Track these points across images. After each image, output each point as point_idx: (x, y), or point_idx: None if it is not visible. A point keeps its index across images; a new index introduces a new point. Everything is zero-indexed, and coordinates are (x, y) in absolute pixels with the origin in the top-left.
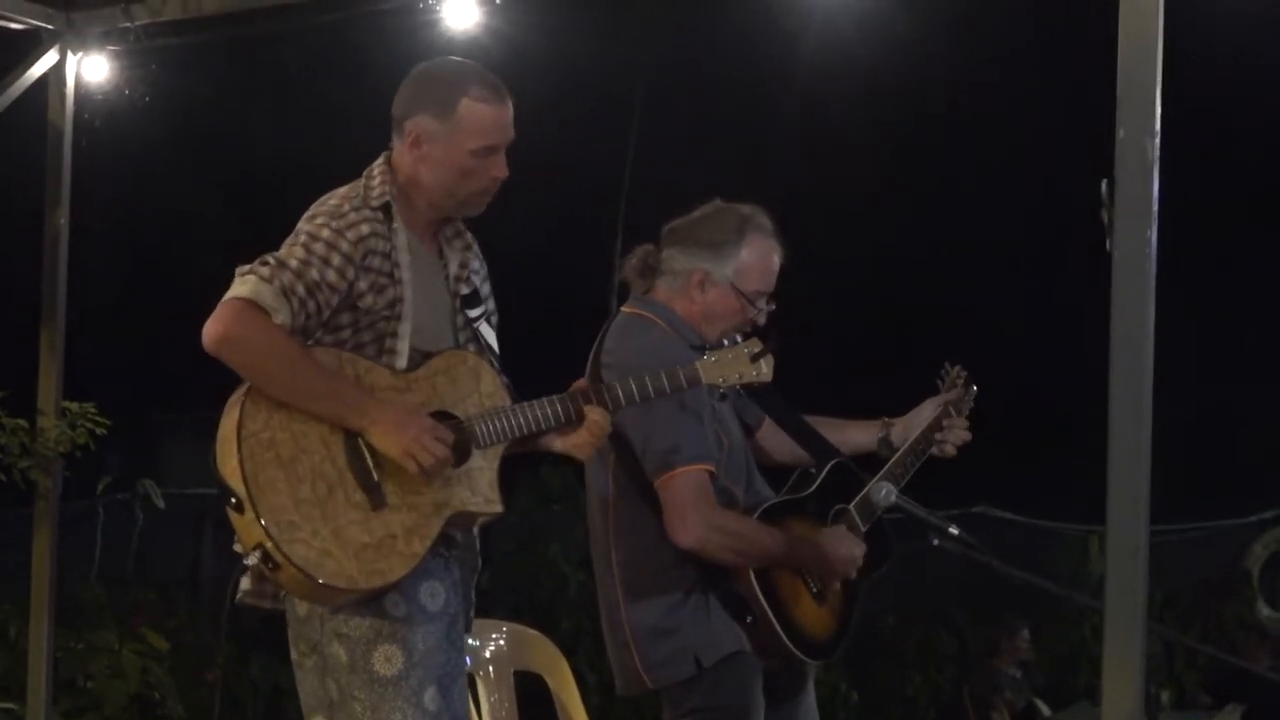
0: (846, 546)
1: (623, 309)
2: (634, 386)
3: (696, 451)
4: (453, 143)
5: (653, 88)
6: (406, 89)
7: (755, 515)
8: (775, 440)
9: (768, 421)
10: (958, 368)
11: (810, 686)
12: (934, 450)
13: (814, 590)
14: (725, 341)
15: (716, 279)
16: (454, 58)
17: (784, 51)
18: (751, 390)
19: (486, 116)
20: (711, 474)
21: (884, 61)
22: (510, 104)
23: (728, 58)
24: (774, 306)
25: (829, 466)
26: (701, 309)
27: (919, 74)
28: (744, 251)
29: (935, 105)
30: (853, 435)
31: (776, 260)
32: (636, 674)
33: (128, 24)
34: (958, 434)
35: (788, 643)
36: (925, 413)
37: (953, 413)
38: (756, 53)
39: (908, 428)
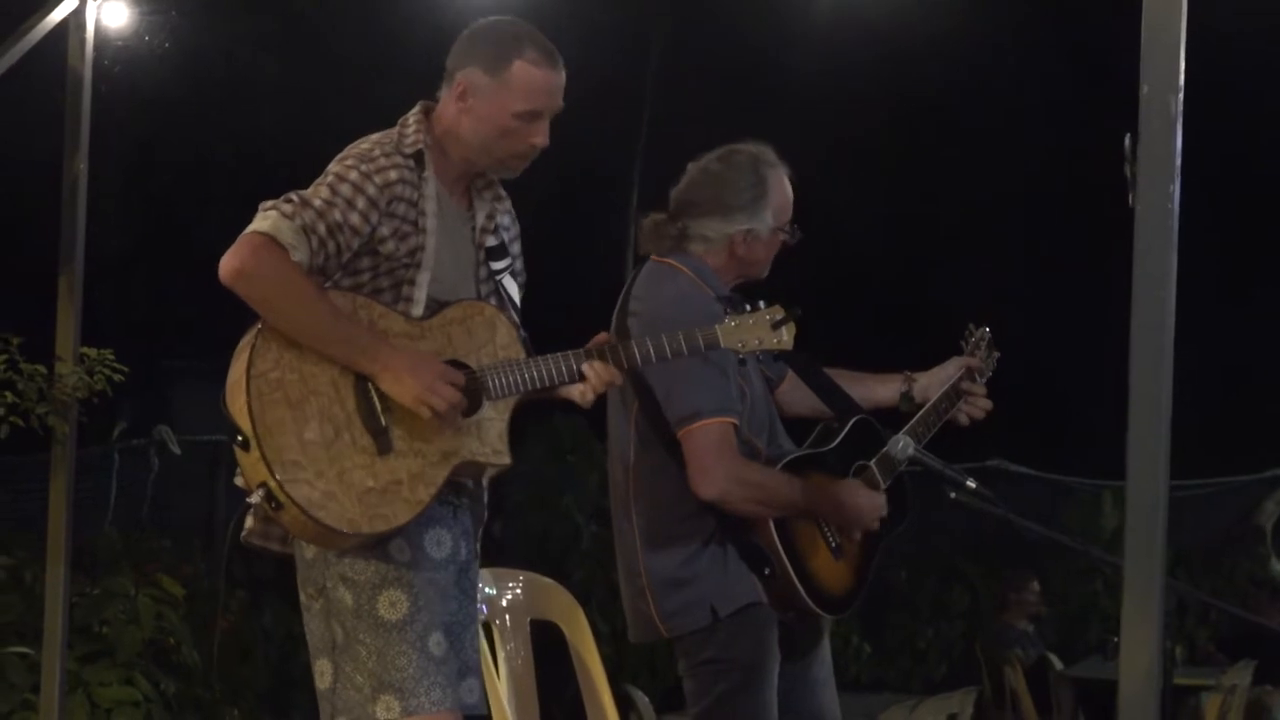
0: (866, 497)
1: (651, 256)
2: (650, 347)
3: (720, 404)
4: (499, 101)
5: (669, 46)
6: (463, 40)
7: (778, 468)
8: (797, 393)
9: (790, 375)
10: (983, 329)
11: (825, 641)
12: (950, 415)
13: (833, 545)
14: (748, 306)
15: (760, 232)
16: (514, 18)
17: (802, 11)
18: None
19: (536, 80)
20: (735, 427)
21: (903, 20)
22: (562, 72)
23: (745, 16)
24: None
25: (852, 422)
26: (744, 260)
27: (938, 31)
28: (772, 195)
29: (954, 64)
30: (875, 389)
31: (789, 184)
32: (652, 622)
33: None
34: (979, 403)
35: (804, 596)
36: (948, 370)
37: (975, 377)
38: (774, 11)
39: (930, 383)
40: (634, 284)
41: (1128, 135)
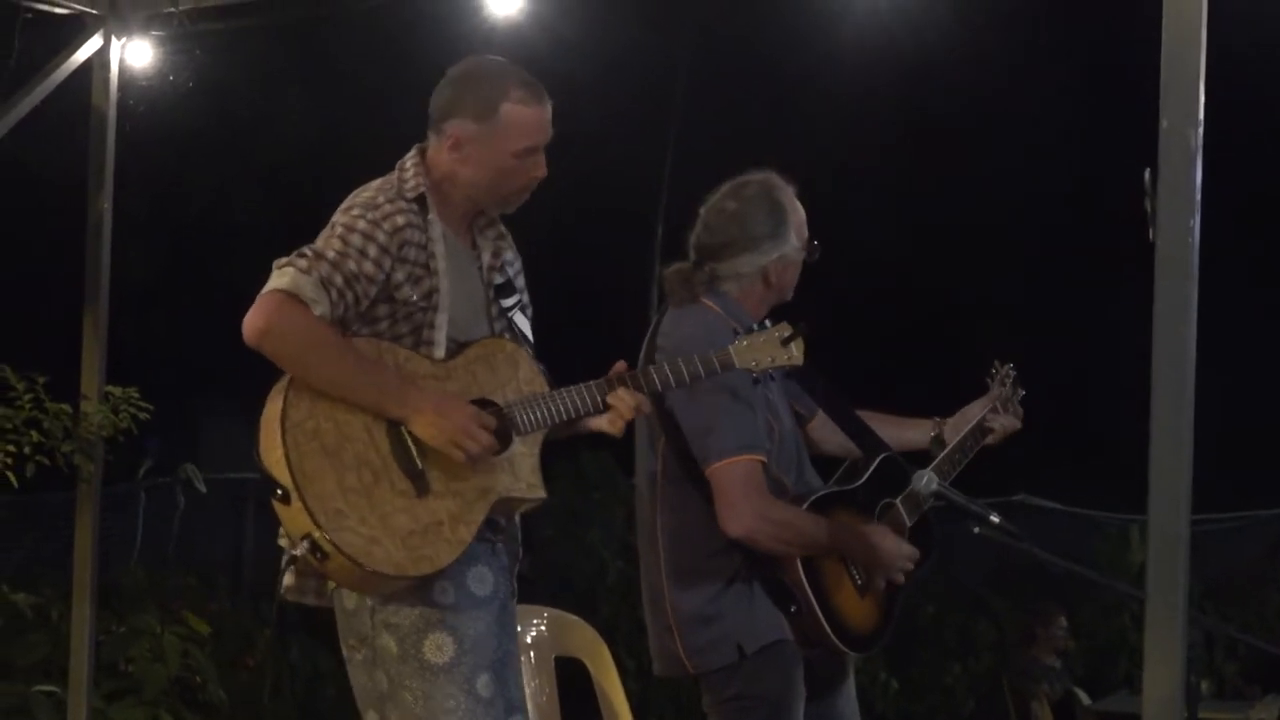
0: (895, 543)
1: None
2: (669, 371)
3: (748, 441)
4: (495, 146)
5: (694, 75)
6: (445, 91)
7: (804, 506)
8: (825, 431)
9: (820, 413)
10: (1008, 366)
11: (850, 677)
12: (975, 452)
13: (858, 582)
14: (755, 326)
15: (791, 256)
16: (492, 57)
17: (825, 36)
18: (805, 381)
19: (528, 119)
20: (763, 464)
21: (928, 47)
22: (549, 103)
23: (769, 43)
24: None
25: (878, 460)
26: (778, 287)
27: (964, 60)
28: (790, 216)
29: (979, 91)
30: (905, 432)
31: (799, 203)
32: (677, 658)
33: (171, 9)
34: (1008, 420)
35: (830, 634)
36: (974, 410)
37: (1000, 409)
38: (798, 38)
39: (957, 427)
40: (661, 321)
41: (1147, 170)
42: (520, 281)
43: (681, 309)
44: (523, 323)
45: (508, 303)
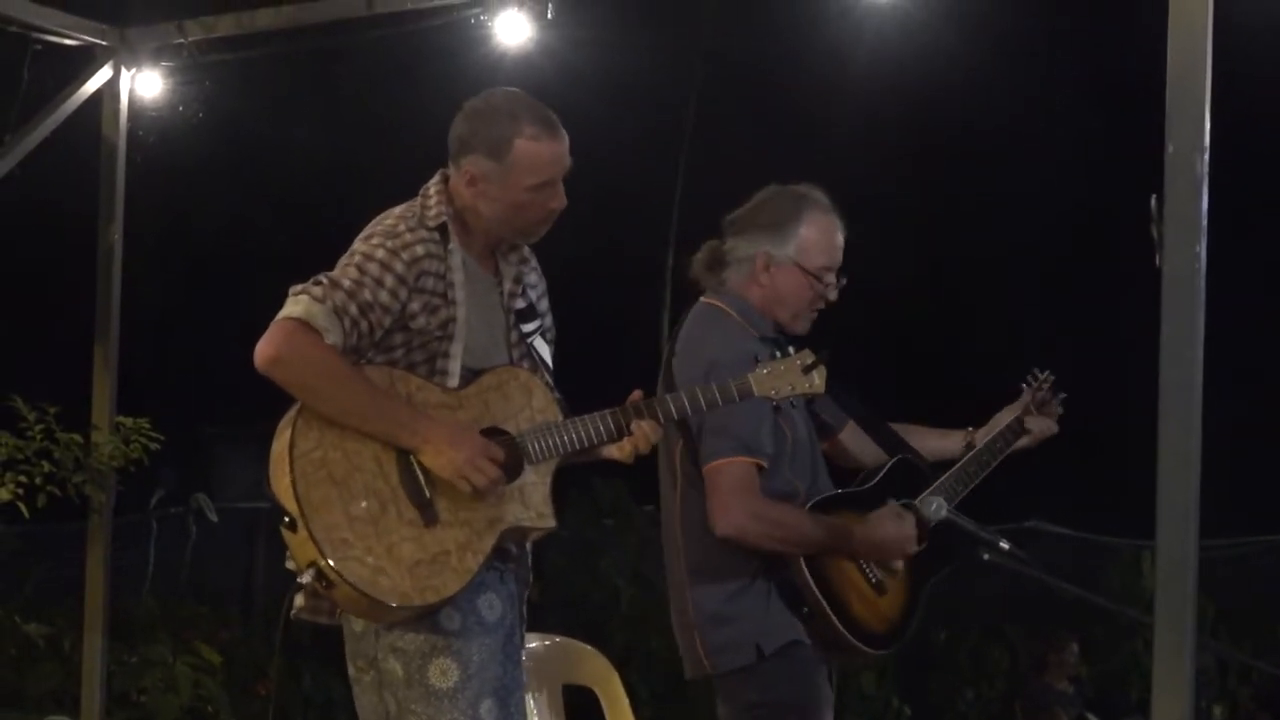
0: (894, 524)
1: (701, 299)
2: (685, 400)
3: (745, 444)
4: (509, 182)
5: (704, 103)
6: (460, 126)
7: (806, 506)
8: (858, 442)
9: (851, 423)
10: (1046, 372)
11: (831, 698)
12: (1020, 443)
13: (873, 581)
14: (778, 353)
15: (780, 259)
16: (507, 90)
17: (835, 64)
18: (835, 391)
19: (541, 154)
20: (760, 467)
21: (937, 72)
22: (564, 136)
23: (779, 70)
24: (844, 281)
25: (890, 463)
26: (770, 293)
27: (972, 86)
28: (803, 229)
29: (988, 117)
30: (939, 442)
31: (839, 235)
32: (699, 657)
33: (181, 40)
34: (1044, 424)
35: (845, 633)
36: (1003, 418)
37: (1033, 411)
38: (808, 66)
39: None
40: (681, 327)
41: (1153, 196)
42: (544, 305)
43: (703, 315)
44: (543, 348)
45: (528, 328)
